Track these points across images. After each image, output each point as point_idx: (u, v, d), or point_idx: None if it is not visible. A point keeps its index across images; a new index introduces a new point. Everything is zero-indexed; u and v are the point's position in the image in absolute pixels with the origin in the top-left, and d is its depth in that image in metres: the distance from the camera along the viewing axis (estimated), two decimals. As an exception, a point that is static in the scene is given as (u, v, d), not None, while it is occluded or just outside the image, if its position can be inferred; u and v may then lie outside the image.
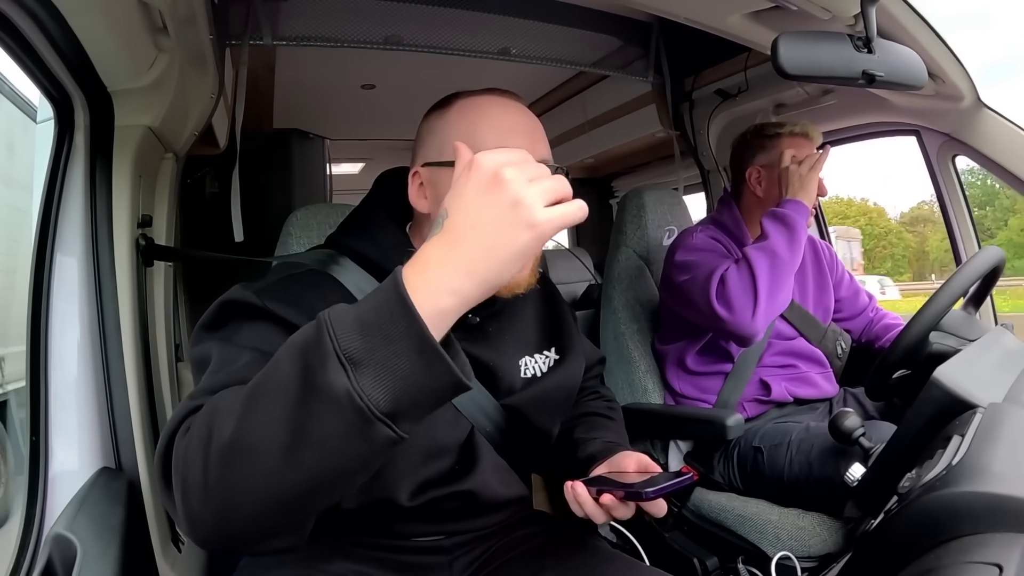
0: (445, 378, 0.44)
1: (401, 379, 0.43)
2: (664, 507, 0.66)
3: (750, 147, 1.35)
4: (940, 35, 1.10)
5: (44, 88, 0.85)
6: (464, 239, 0.46)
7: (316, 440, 0.44)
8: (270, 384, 0.46)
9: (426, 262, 0.46)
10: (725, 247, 1.31)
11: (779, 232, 1.17)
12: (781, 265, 1.15)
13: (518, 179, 0.46)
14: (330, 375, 0.42)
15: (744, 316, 1.14)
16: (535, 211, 0.46)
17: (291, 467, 0.45)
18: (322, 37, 1.49)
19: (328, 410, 0.43)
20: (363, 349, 0.43)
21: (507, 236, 0.45)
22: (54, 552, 0.73)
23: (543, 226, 0.46)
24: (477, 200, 0.47)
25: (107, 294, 0.91)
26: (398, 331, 0.43)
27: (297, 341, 0.46)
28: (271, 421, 0.45)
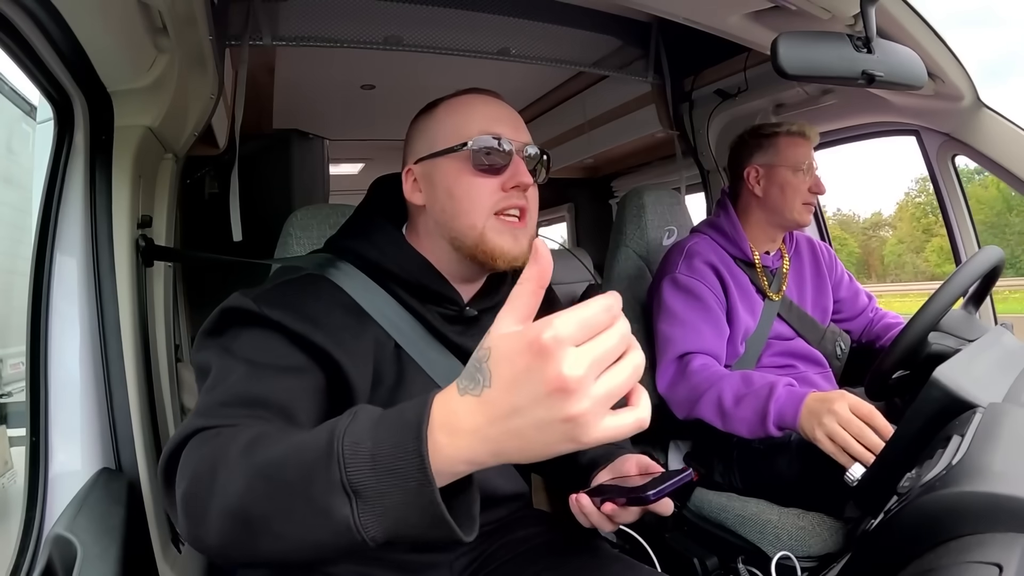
0: (443, 535, 0.44)
1: (402, 524, 0.44)
2: (670, 506, 0.66)
3: (747, 147, 1.35)
4: (940, 35, 1.10)
5: (44, 88, 0.85)
6: (503, 421, 0.41)
7: (308, 544, 0.46)
8: (276, 479, 0.47)
9: (455, 426, 0.42)
10: (715, 269, 1.30)
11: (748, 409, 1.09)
12: (717, 402, 1.13)
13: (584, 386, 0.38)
14: (332, 501, 0.43)
15: (676, 407, 1.22)
16: (588, 431, 0.39)
17: (285, 548, 0.47)
18: (322, 37, 1.49)
19: (324, 528, 0.44)
20: (371, 488, 0.43)
21: (550, 441, 0.41)
22: (54, 553, 0.73)
23: (590, 440, 0.40)
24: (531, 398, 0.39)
25: (107, 294, 0.91)
26: (411, 486, 0.42)
27: (308, 446, 0.46)
28: (274, 514, 0.46)
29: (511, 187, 0.74)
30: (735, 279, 1.31)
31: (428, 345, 0.77)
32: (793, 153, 1.30)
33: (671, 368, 1.24)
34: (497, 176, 0.75)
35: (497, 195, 0.75)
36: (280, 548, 0.47)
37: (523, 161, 0.76)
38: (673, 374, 1.23)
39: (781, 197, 1.29)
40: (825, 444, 0.95)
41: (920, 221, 27.59)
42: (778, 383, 1.08)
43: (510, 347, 0.41)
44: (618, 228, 1.55)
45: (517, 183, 0.74)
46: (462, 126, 0.75)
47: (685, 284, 1.28)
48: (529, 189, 0.76)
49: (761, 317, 1.32)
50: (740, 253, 1.33)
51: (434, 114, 0.80)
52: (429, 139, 0.78)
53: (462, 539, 0.44)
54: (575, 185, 3.18)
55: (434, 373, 0.76)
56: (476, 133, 0.74)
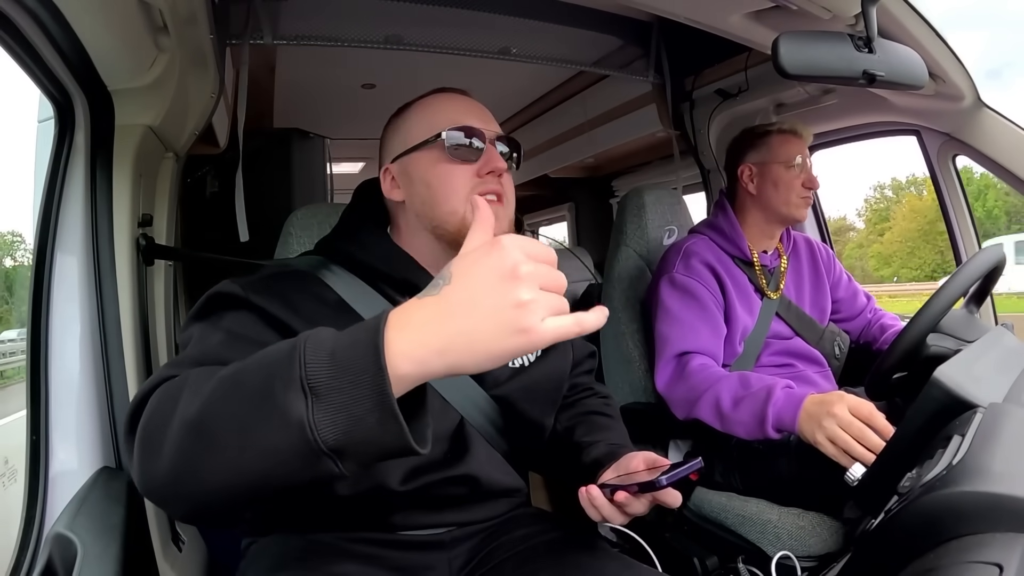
0: (395, 439, 0.44)
1: (354, 425, 0.44)
2: (679, 497, 0.66)
3: (742, 146, 1.36)
4: (941, 35, 1.10)
5: (44, 88, 0.85)
6: (455, 316, 0.45)
7: (263, 450, 0.45)
8: (236, 385, 0.48)
9: (409, 320, 0.45)
10: (713, 268, 1.30)
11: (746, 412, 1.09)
12: (716, 403, 1.13)
13: (532, 281, 0.45)
14: (290, 399, 0.44)
15: (671, 403, 1.22)
16: (534, 319, 0.44)
17: (237, 464, 0.46)
18: (322, 37, 1.49)
19: (280, 430, 0.44)
20: (327, 385, 0.44)
21: (498, 333, 0.44)
22: (54, 552, 0.73)
23: (537, 337, 0.45)
24: (485, 284, 0.45)
25: (107, 294, 0.91)
26: (365, 380, 0.43)
27: (270, 355, 0.47)
28: (231, 417, 0.46)
29: (486, 172, 0.77)
30: (733, 278, 1.31)
31: None
32: (785, 150, 1.30)
33: (669, 367, 1.24)
34: (472, 164, 0.78)
35: (473, 181, 0.77)
36: (233, 462, 0.46)
37: (495, 149, 0.79)
38: (671, 373, 1.24)
39: (775, 193, 1.30)
40: (826, 447, 0.95)
41: (876, 226, 27.90)
42: (776, 385, 1.07)
43: (471, 250, 0.48)
44: (618, 228, 1.55)
45: (492, 168, 0.77)
46: (434, 120, 0.79)
47: (682, 284, 1.28)
48: (504, 175, 0.79)
49: (759, 316, 1.32)
50: (738, 252, 1.34)
51: (406, 114, 0.84)
52: (403, 137, 0.81)
53: (412, 445, 0.45)
54: (575, 185, 3.18)
55: None
56: (447, 124, 0.77)
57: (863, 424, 0.93)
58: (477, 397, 0.80)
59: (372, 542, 0.75)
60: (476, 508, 0.80)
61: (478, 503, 0.80)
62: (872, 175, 31.42)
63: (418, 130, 0.80)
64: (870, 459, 0.89)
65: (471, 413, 0.79)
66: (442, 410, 0.78)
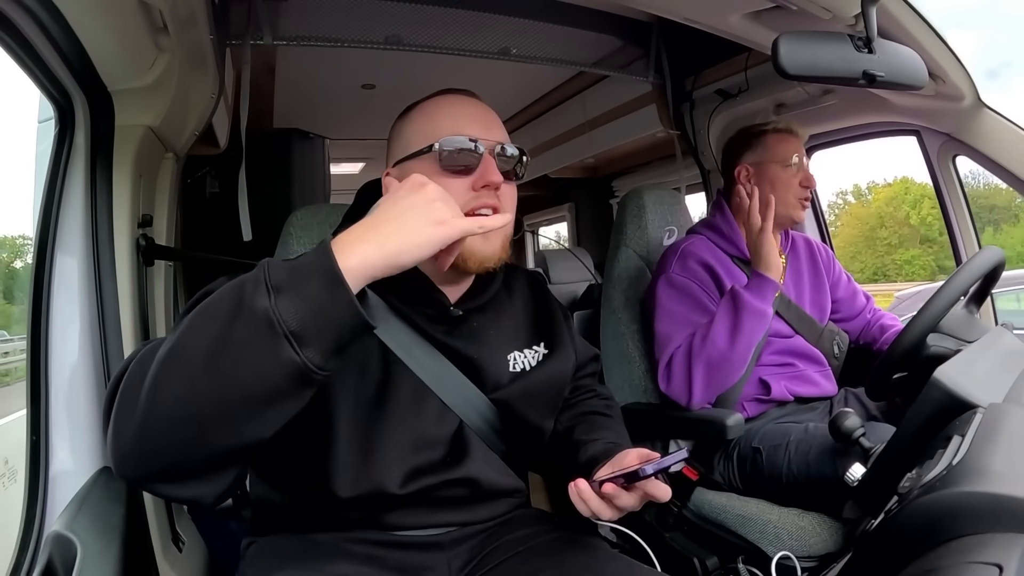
0: (346, 308, 0.52)
1: (309, 302, 0.51)
2: (668, 490, 0.65)
3: (738, 146, 1.36)
4: (940, 35, 1.10)
5: (45, 88, 0.85)
6: (386, 220, 0.57)
7: (234, 348, 0.51)
8: (211, 306, 0.54)
9: (350, 232, 0.56)
10: (710, 268, 1.30)
11: (724, 318, 1.19)
12: (718, 358, 1.18)
13: (437, 191, 0.59)
14: (257, 296, 0.51)
15: (680, 397, 1.24)
16: (445, 213, 0.58)
17: (210, 373, 0.51)
18: (322, 37, 1.49)
19: (249, 323, 0.51)
20: (286, 281, 0.52)
21: (421, 224, 0.57)
22: (54, 552, 0.73)
23: (451, 225, 0.58)
24: (403, 196, 0.59)
25: (107, 294, 0.91)
26: (316, 269, 0.52)
27: (240, 277, 0.55)
28: (201, 333, 0.52)
29: (481, 186, 0.75)
30: (732, 278, 1.31)
31: (414, 344, 0.78)
32: (781, 149, 1.31)
33: (663, 363, 1.26)
34: (467, 176, 0.75)
35: (468, 195, 0.75)
36: (203, 378, 0.51)
37: (494, 159, 0.75)
38: (666, 368, 1.25)
39: (772, 193, 1.29)
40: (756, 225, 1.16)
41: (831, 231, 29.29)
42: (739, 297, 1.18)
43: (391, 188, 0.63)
44: (618, 228, 1.55)
45: (486, 182, 0.74)
46: (431, 128, 0.77)
47: (679, 283, 1.29)
48: (502, 187, 0.76)
49: (760, 315, 1.32)
50: (737, 251, 1.34)
51: (408, 117, 0.82)
52: (403, 142, 0.80)
53: (362, 312, 0.52)
54: (575, 185, 3.18)
55: (420, 371, 0.77)
56: (444, 134, 0.75)
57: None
58: (476, 401, 0.80)
59: (372, 542, 0.75)
60: (476, 509, 0.80)
61: (478, 504, 0.80)
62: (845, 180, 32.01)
63: (416, 137, 0.78)
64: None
65: (470, 416, 0.79)
66: (441, 414, 0.77)
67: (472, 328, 0.81)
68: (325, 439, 0.72)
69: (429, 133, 0.76)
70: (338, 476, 0.72)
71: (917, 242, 24.25)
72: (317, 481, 0.72)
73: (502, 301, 0.86)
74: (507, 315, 0.86)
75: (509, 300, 0.88)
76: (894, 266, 24.10)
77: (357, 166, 3.27)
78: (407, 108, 0.84)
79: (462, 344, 0.79)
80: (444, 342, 0.79)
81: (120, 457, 0.54)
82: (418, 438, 0.75)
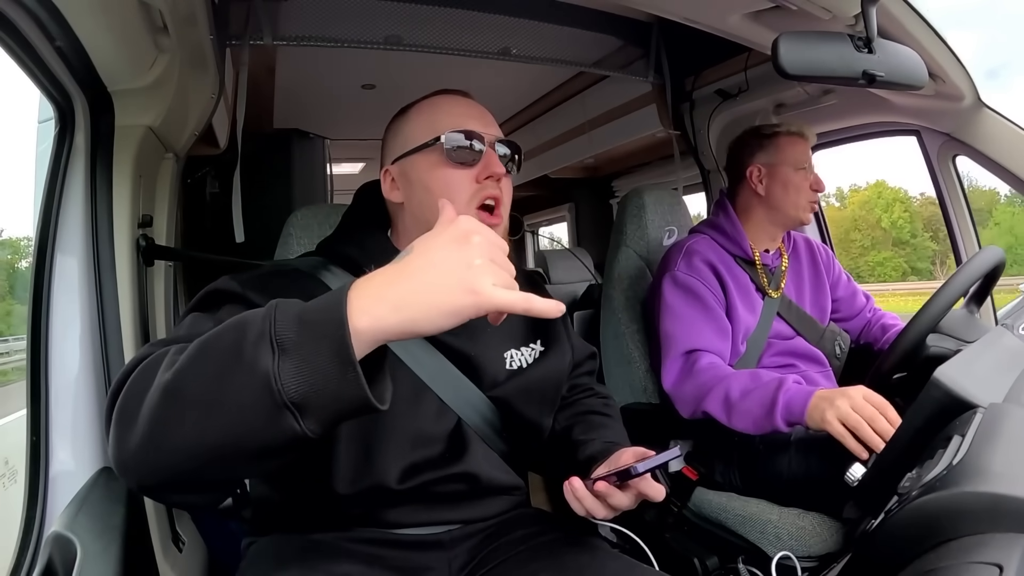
0: (353, 389, 0.47)
1: (315, 376, 0.46)
2: (662, 490, 0.66)
3: (748, 146, 1.35)
4: (940, 35, 1.10)
5: (44, 88, 0.85)
6: (412, 274, 0.49)
7: (229, 407, 0.47)
8: (210, 345, 0.50)
9: (370, 283, 0.49)
10: (714, 268, 1.30)
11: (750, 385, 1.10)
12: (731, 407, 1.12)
13: (483, 249, 0.50)
14: (259, 353, 0.47)
15: (681, 404, 1.21)
16: (484, 281, 0.49)
17: (206, 424, 0.48)
18: (322, 37, 1.49)
19: (247, 384, 0.47)
20: (294, 341, 0.47)
21: (450, 289, 0.48)
22: (54, 552, 0.73)
23: (485, 299, 0.49)
24: (441, 247, 0.50)
25: (107, 294, 0.91)
26: (327, 334, 0.46)
27: (246, 316, 0.50)
28: (201, 376, 0.49)
29: (485, 178, 0.77)
30: (735, 278, 1.31)
31: (411, 341, 0.77)
32: (794, 152, 1.31)
33: (676, 365, 1.24)
34: (471, 168, 0.78)
35: (472, 186, 0.77)
36: (200, 421, 0.48)
37: (495, 153, 0.78)
38: (679, 371, 1.23)
39: (784, 195, 1.30)
40: (835, 427, 0.95)
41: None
42: (787, 378, 1.08)
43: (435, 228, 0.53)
44: (618, 228, 1.55)
45: (490, 173, 0.77)
46: (435, 123, 0.79)
47: (684, 282, 1.28)
48: (503, 180, 0.79)
49: (761, 315, 1.32)
50: (740, 251, 1.34)
51: (407, 115, 0.83)
52: (403, 139, 0.81)
53: (368, 395, 0.47)
54: (575, 185, 3.18)
55: (419, 369, 0.77)
56: (448, 128, 0.77)
57: (875, 410, 0.93)
58: (474, 398, 0.80)
59: (372, 542, 0.75)
60: (475, 506, 0.80)
61: (477, 501, 0.80)
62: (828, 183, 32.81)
63: (418, 132, 0.79)
64: (878, 444, 0.90)
65: (468, 414, 0.80)
66: (439, 411, 0.78)
67: (469, 326, 0.81)
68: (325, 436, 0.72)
69: (432, 127, 0.78)
70: (338, 472, 0.72)
71: (890, 244, 25.38)
72: (317, 478, 0.72)
73: None
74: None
75: None
76: (867, 267, 25.16)
77: (357, 166, 3.27)
78: (403, 109, 0.86)
79: (459, 342, 0.80)
80: (441, 340, 0.79)
81: (120, 464, 0.53)
82: (416, 435, 0.75)
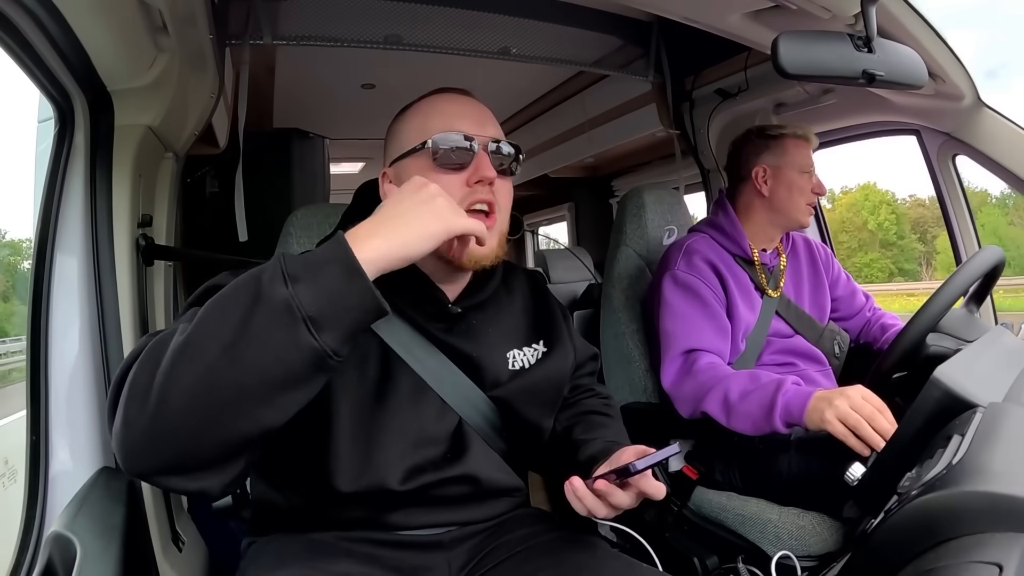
0: (363, 294, 0.55)
1: (327, 290, 0.54)
2: (662, 488, 0.66)
3: (754, 146, 1.35)
4: (940, 35, 1.10)
5: (44, 88, 0.85)
6: (390, 216, 0.61)
7: (253, 336, 0.53)
8: (225, 298, 0.56)
9: (359, 228, 0.60)
10: (714, 266, 1.30)
11: (750, 386, 1.10)
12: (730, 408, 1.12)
13: (439, 189, 0.63)
14: (275, 285, 0.54)
15: (680, 403, 1.21)
16: (445, 210, 0.62)
17: (229, 360, 0.53)
18: (322, 37, 1.49)
19: (268, 311, 0.53)
20: (303, 271, 0.55)
21: (423, 219, 0.61)
22: (54, 552, 0.73)
23: (452, 222, 0.62)
24: (406, 194, 0.63)
25: (107, 294, 0.91)
26: (332, 258, 0.56)
27: (253, 270, 0.57)
28: (220, 323, 0.54)
29: (475, 182, 0.75)
30: (734, 276, 1.31)
31: (413, 341, 0.78)
32: (799, 155, 1.31)
33: (676, 364, 1.24)
34: (461, 172, 0.76)
35: (463, 191, 0.75)
36: (218, 365, 0.52)
37: (488, 156, 0.76)
38: (678, 370, 1.23)
39: (788, 197, 1.30)
40: (835, 426, 0.95)
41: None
42: (786, 380, 1.08)
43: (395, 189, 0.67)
44: (618, 227, 1.55)
45: (480, 178, 0.75)
46: (425, 125, 0.78)
47: (684, 281, 1.28)
48: (496, 183, 0.76)
49: (760, 314, 1.32)
50: (739, 250, 1.34)
51: (403, 117, 0.83)
52: (399, 141, 0.81)
53: (379, 298, 0.56)
54: (575, 184, 3.18)
55: (419, 368, 0.77)
56: (437, 131, 0.76)
57: (875, 408, 0.93)
58: (475, 399, 0.80)
59: (372, 542, 0.75)
60: (475, 507, 0.80)
61: (477, 502, 0.80)
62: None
63: (410, 135, 0.79)
64: (879, 443, 0.90)
65: (469, 414, 0.79)
66: (441, 411, 0.78)
67: (471, 326, 0.82)
68: (326, 435, 0.72)
69: (422, 131, 0.77)
70: (339, 472, 0.72)
71: (876, 246, 26.14)
72: (318, 477, 0.72)
73: (501, 299, 0.87)
74: (506, 313, 0.87)
75: (508, 298, 0.88)
76: (854, 268, 25.80)
77: (357, 166, 3.27)
78: (402, 109, 0.85)
79: (461, 342, 0.80)
80: (443, 340, 0.79)
81: (128, 449, 0.54)
82: (418, 435, 0.75)
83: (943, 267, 26.10)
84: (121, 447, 0.54)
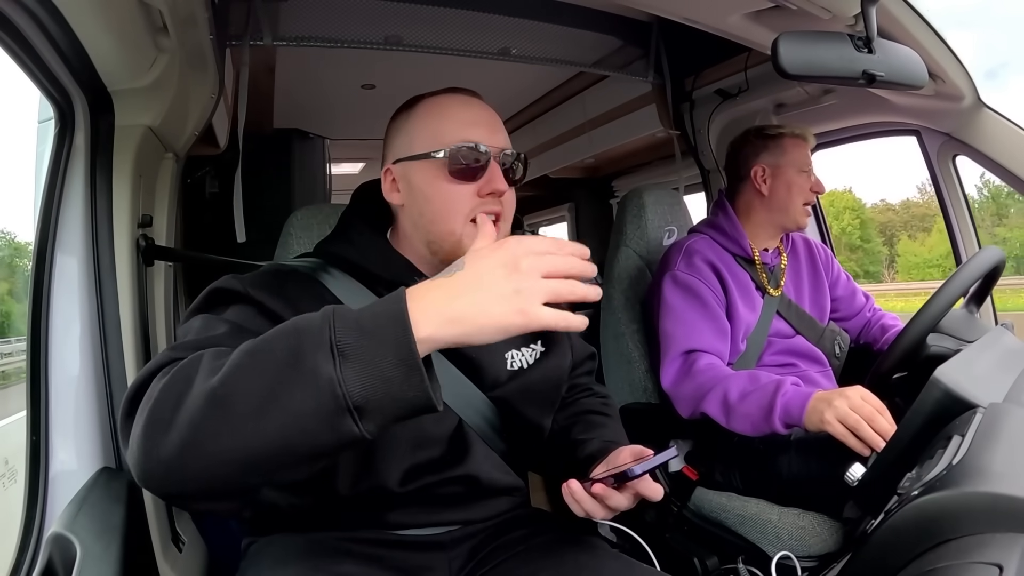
0: (417, 392, 0.49)
1: (378, 379, 0.48)
2: (660, 490, 0.66)
3: (753, 146, 1.35)
4: (940, 35, 1.10)
5: (44, 88, 0.85)
6: (465, 294, 0.51)
7: (286, 413, 0.48)
8: (262, 353, 0.50)
9: (426, 294, 0.51)
10: (714, 267, 1.30)
11: (751, 386, 1.10)
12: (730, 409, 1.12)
13: (531, 272, 0.52)
14: (319, 360, 0.48)
15: (680, 404, 1.21)
16: (531, 304, 0.51)
17: (257, 429, 0.48)
18: (322, 37, 1.49)
19: (308, 389, 0.47)
20: (355, 345, 0.48)
21: (502, 312, 0.51)
22: (54, 552, 0.73)
23: (533, 319, 0.51)
24: (491, 272, 0.52)
25: (107, 294, 0.91)
26: (389, 338, 0.48)
27: (299, 323, 0.51)
28: (253, 383, 0.49)
29: (486, 193, 0.75)
30: (735, 276, 1.31)
31: None
32: (798, 154, 1.32)
33: (675, 364, 1.24)
34: (473, 182, 0.75)
35: (473, 201, 0.75)
36: (253, 428, 0.48)
37: (499, 166, 0.76)
38: (677, 371, 1.23)
39: (787, 196, 1.31)
40: (834, 427, 0.95)
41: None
42: (785, 381, 1.08)
43: (483, 246, 0.56)
44: (618, 228, 1.55)
45: (492, 190, 0.75)
46: (439, 131, 0.76)
47: (684, 281, 1.28)
48: (505, 194, 0.77)
49: (761, 314, 1.32)
50: (740, 250, 1.34)
51: (412, 114, 0.80)
52: (407, 140, 0.79)
53: (432, 397, 0.49)
54: (575, 185, 3.18)
55: None
56: (452, 139, 0.75)
57: (874, 409, 0.94)
58: (475, 399, 0.80)
59: (372, 542, 0.75)
60: (475, 507, 0.80)
61: (477, 502, 0.80)
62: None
63: (422, 137, 0.77)
64: (879, 443, 0.90)
65: (469, 415, 0.79)
66: (441, 412, 0.78)
67: None
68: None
69: (436, 136, 0.76)
70: (339, 474, 0.72)
71: (842, 249, 26.31)
72: (318, 478, 0.72)
73: None
74: None
75: None
76: None
77: (357, 166, 3.27)
78: (409, 103, 0.82)
79: None
80: None
81: (146, 472, 0.52)
82: (417, 436, 0.75)
83: (904, 269, 27.89)
84: (139, 470, 0.52)
